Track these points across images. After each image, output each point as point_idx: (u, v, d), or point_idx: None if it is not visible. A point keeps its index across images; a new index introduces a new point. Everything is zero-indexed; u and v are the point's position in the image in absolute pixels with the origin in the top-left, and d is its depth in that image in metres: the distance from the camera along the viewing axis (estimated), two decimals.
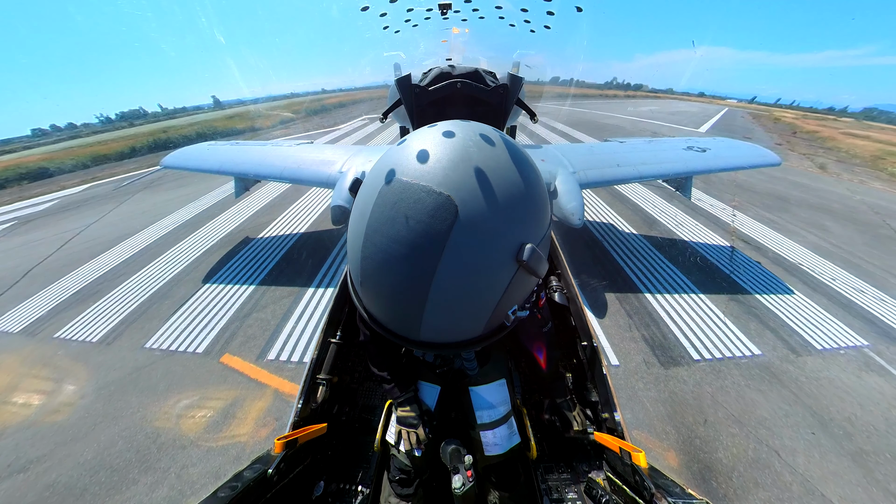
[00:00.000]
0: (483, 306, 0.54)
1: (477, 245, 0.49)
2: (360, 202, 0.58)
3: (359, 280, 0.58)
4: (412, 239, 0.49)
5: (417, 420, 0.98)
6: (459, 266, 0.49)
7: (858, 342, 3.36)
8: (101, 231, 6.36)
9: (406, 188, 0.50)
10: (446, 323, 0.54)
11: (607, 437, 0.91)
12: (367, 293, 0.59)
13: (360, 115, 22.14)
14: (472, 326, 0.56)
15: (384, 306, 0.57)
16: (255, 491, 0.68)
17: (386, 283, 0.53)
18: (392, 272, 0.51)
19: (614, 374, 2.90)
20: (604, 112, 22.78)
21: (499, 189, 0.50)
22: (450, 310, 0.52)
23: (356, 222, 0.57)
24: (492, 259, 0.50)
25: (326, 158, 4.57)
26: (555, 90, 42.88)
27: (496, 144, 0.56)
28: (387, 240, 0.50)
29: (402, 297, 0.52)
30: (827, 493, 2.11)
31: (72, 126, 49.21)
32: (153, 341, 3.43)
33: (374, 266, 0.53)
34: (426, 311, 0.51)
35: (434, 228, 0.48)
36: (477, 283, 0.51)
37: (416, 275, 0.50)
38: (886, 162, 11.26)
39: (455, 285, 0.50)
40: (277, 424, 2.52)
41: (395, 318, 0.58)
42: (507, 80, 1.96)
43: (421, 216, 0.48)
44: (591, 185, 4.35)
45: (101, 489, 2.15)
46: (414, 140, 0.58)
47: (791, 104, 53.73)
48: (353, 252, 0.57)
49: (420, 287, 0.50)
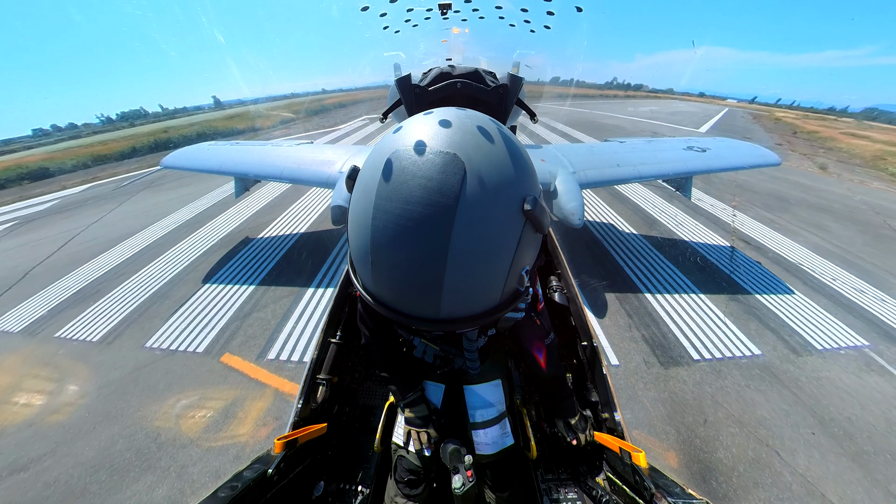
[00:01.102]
0: (500, 265, 0.53)
1: (486, 197, 0.50)
2: (363, 181, 0.56)
3: (368, 260, 0.53)
4: (427, 197, 0.48)
5: (426, 420, 0.98)
6: (473, 222, 0.49)
7: (859, 342, 3.35)
8: (101, 231, 6.36)
9: (414, 154, 0.52)
10: (467, 289, 0.52)
11: (607, 437, 0.91)
12: (379, 271, 0.54)
13: (361, 116, 22.16)
14: (491, 292, 0.54)
15: (400, 281, 0.53)
16: (255, 491, 0.68)
17: (402, 252, 0.50)
18: (408, 236, 0.49)
19: (614, 374, 2.89)
20: (603, 112, 22.78)
21: (497, 148, 0.54)
22: (469, 273, 0.50)
23: (361, 200, 0.55)
24: (502, 212, 0.51)
25: (326, 158, 4.58)
26: (555, 90, 42.93)
27: (473, 113, 0.61)
28: (400, 203, 0.49)
29: (421, 265, 0.50)
30: (827, 493, 2.11)
31: (73, 126, 49.31)
32: (153, 341, 3.44)
33: (388, 235, 0.50)
34: (446, 276, 0.49)
35: (447, 183, 0.48)
36: (491, 239, 0.51)
37: (434, 234, 0.48)
38: (887, 162, 11.25)
39: (472, 243, 0.49)
40: (277, 424, 2.52)
41: (412, 295, 0.53)
42: (507, 80, 1.96)
43: (432, 174, 0.49)
44: (591, 185, 4.35)
45: (101, 488, 2.16)
46: (411, 124, 0.59)
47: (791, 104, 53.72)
48: (360, 231, 0.54)
49: (439, 247, 0.48)
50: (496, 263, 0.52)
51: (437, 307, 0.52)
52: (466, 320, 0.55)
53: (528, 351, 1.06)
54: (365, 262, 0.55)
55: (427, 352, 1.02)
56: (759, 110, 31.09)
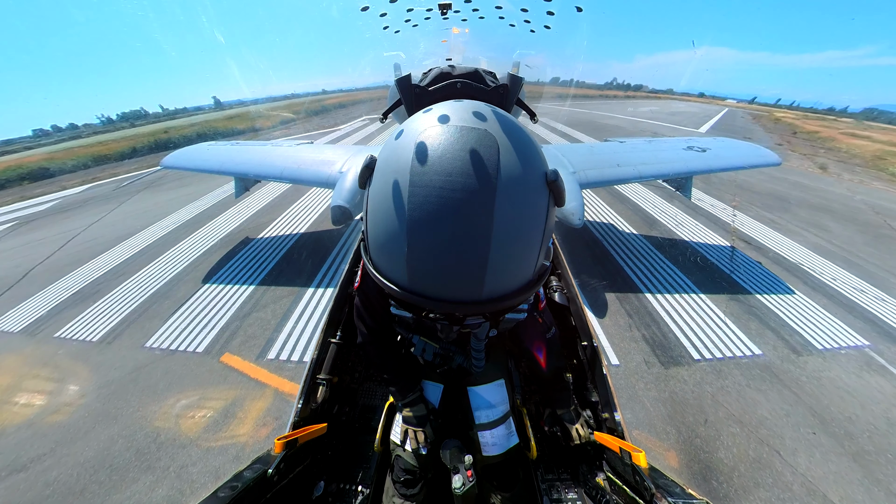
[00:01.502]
0: (535, 237, 0.53)
1: (520, 170, 0.50)
2: (388, 165, 0.54)
3: (403, 243, 0.50)
4: (469, 168, 0.47)
5: (423, 419, 0.97)
6: (512, 192, 0.48)
7: (859, 342, 3.35)
8: (101, 231, 6.36)
9: (446, 129, 0.51)
10: (508, 265, 0.51)
11: (607, 437, 0.91)
12: (418, 253, 0.50)
13: (361, 116, 22.18)
14: (527, 266, 0.54)
15: (442, 260, 0.49)
16: (255, 491, 0.68)
17: (446, 227, 0.47)
18: (453, 209, 0.47)
19: (615, 374, 2.89)
20: (603, 112, 22.79)
21: (513, 128, 0.56)
22: (511, 246, 0.50)
23: (390, 181, 0.52)
24: (533, 183, 0.51)
25: (326, 158, 4.58)
26: (555, 90, 42.98)
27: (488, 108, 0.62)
28: (441, 175, 0.48)
29: (467, 239, 0.47)
30: (828, 493, 2.10)
31: (73, 126, 49.33)
32: (153, 341, 3.43)
33: (429, 211, 0.48)
34: (491, 248, 0.48)
35: (485, 155, 0.49)
36: (527, 210, 0.51)
37: (480, 206, 0.47)
38: (887, 162, 11.25)
39: (513, 215, 0.49)
40: (277, 424, 2.52)
41: (454, 274, 0.50)
42: (507, 80, 1.96)
43: (470, 146, 0.49)
44: (591, 185, 4.35)
45: (100, 488, 2.15)
46: (431, 109, 0.59)
47: (791, 105, 53.74)
48: (389, 214, 0.51)
49: (485, 219, 0.47)
50: (532, 235, 0.52)
51: (480, 286, 0.50)
52: (505, 298, 0.53)
53: (529, 350, 1.06)
54: (396, 248, 0.52)
55: (426, 350, 1.01)
56: (758, 111, 31.11)
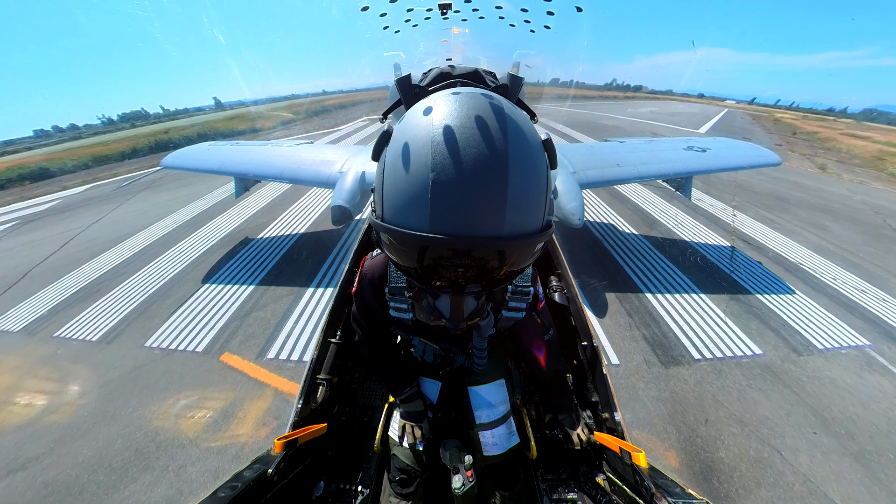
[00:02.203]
0: (541, 181, 0.58)
1: (523, 124, 0.58)
2: (407, 124, 0.60)
3: (427, 182, 0.53)
4: (484, 112, 0.55)
5: (421, 415, 0.97)
6: (519, 133, 0.56)
7: (860, 342, 3.34)
8: (102, 231, 6.37)
9: (458, 95, 0.59)
10: (524, 200, 0.55)
11: (607, 437, 0.91)
12: (441, 191, 0.53)
13: (361, 117, 22.22)
14: (538, 210, 0.58)
15: (467, 193, 0.53)
16: (255, 491, 0.67)
17: (470, 159, 0.52)
18: (475, 141, 0.53)
19: (615, 374, 2.88)
20: (603, 113, 22.84)
21: (510, 102, 0.64)
22: (525, 181, 0.55)
23: (410, 132, 0.57)
24: (533, 138, 0.59)
25: (326, 158, 4.59)
26: (554, 91, 43.05)
27: None
28: (461, 119, 0.54)
29: (488, 170, 0.52)
30: (830, 492, 2.09)
31: (74, 127, 49.45)
32: (153, 340, 3.43)
33: (453, 145, 0.53)
34: (509, 182, 0.53)
35: (495, 108, 0.57)
36: (532, 153, 0.57)
37: (496, 139, 0.53)
38: (887, 162, 11.26)
39: (522, 150, 0.55)
40: (277, 423, 2.51)
41: (478, 208, 0.53)
42: (506, 80, 1.96)
43: (481, 100, 0.57)
44: (591, 185, 4.35)
45: (99, 488, 2.14)
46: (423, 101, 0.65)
47: (790, 105, 53.78)
48: (413, 162, 0.55)
49: (502, 152, 0.53)
50: (539, 178, 0.57)
51: (501, 221, 0.54)
52: (524, 237, 0.57)
53: (528, 350, 1.06)
54: (419, 191, 0.54)
55: (427, 351, 1.01)
56: (758, 111, 31.17)
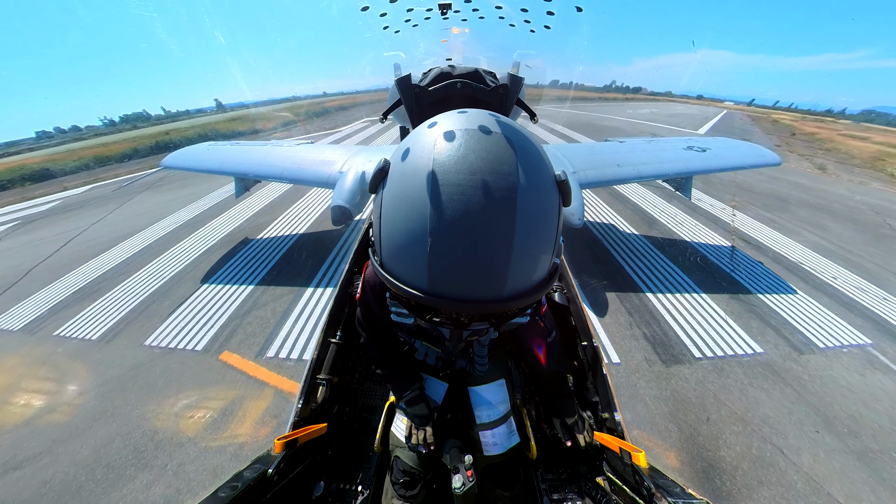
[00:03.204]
0: (550, 235, 0.54)
1: (535, 169, 0.53)
2: (407, 165, 0.54)
3: (426, 243, 0.49)
4: (492, 166, 0.49)
5: (426, 419, 0.97)
6: (531, 189, 0.50)
7: (861, 341, 3.33)
8: (102, 231, 6.38)
9: (465, 132, 0.54)
10: (528, 262, 0.52)
11: (607, 437, 0.91)
12: (441, 253, 0.49)
13: (361, 118, 22.30)
14: (544, 264, 0.55)
15: (468, 258, 0.50)
16: (255, 491, 0.67)
17: (472, 225, 0.48)
18: (479, 206, 0.48)
19: (615, 372, 2.87)
20: (602, 114, 22.91)
21: (521, 131, 0.59)
22: (531, 244, 0.51)
23: (408, 182, 0.52)
24: (547, 183, 0.54)
25: (326, 158, 4.59)
26: (554, 93, 43.23)
27: (494, 118, 0.64)
28: (464, 175, 0.49)
29: (492, 236, 0.48)
30: (833, 491, 2.08)
31: (76, 128, 49.63)
32: (152, 339, 3.42)
33: (455, 209, 0.48)
34: (514, 245, 0.49)
35: (505, 154, 0.51)
36: (544, 208, 0.53)
37: (504, 203, 0.48)
38: (886, 163, 11.28)
39: (532, 212, 0.50)
40: (276, 422, 2.50)
41: (479, 272, 0.50)
42: (507, 80, 1.97)
43: (490, 147, 0.51)
44: (591, 185, 4.36)
45: (97, 486, 2.13)
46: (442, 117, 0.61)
47: (789, 106, 53.97)
48: (409, 216, 0.51)
49: (509, 217, 0.48)
50: (548, 233, 0.54)
51: (503, 284, 0.50)
52: (525, 295, 0.54)
53: (529, 348, 1.05)
54: (417, 249, 0.51)
55: (429, 354, 1.01)
56: (757, 112, 31.26)
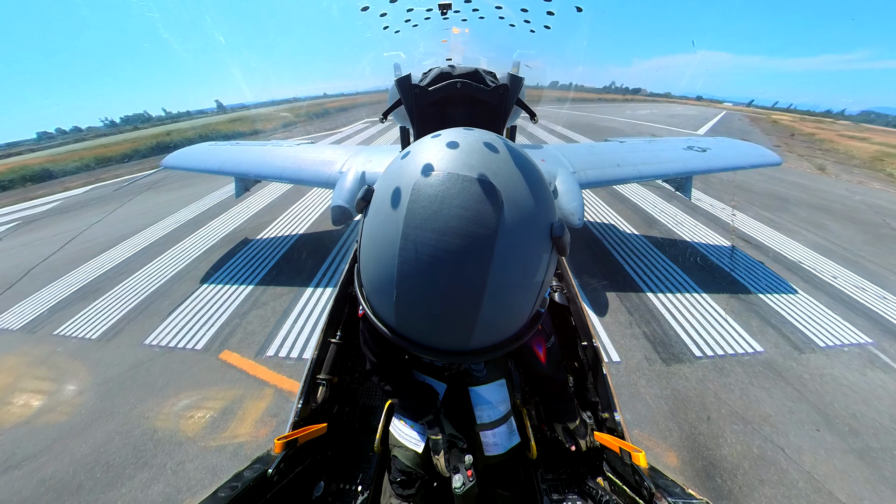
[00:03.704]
0: (531, 292, 0.52)
1: (522, 226, 0.49)
2: (382, 206, 0.53)
3: (391, 293, 0.50)
4: (464, 227, 0.46)
5: (438, 445, 0.93)
6: (511, 251, 0.48)
7: (862, 339, 3.33)
8: (103, 231, 6.39)
9: (446, 179, 0.48)
10: (500, 319, 0.51)
11: (607, 437, 0.90)
12: (405, 305, 0.50)
13: (362, 118, 22.37)
14: (519, 319, 0.54)
15: (431, 314, 0.49)
16: (255, 491, 0.67)
17: (437, 285, 0.47)
18: (445, 269, 0.46)
19: (616, 371, 2.87)
20: (602, 115, 22.98)
21: (523, 173, 0.53)
22: (504, 303, 0.49)
23: (383, 227, 0.51)
24: (535, 239, 0.50)
25: (326, 158, 4.61)
26: (554, 94, 43.36)
27: (508, 141, 0.60)
28: (434, 234, 0.46)
29: (458, 297, 0.47)
30: (834, 490, 2.07)
31: (77, 129, 49.78)
32: (152, 338, 3.42)
33: (419, 268, 0.47)
34: (482, 308, 0.47)
35: (485, 213, 0.47)
36: (526, 268, 0.50)
37: (473, 267, 0.46)
38: (885, 163, 11.30)
39: (509, 273, 0.48)
40: (276, 421, 2.50)
41: (442, 327, 0.50)
42: (507, 80, 1.97)
43: (470, 202, 0.47)
44: (591, 185, 4.36)
45: (96, 485, 2.13)
46: (425, 148, 0.57)
47: (788, 107, 54.09)
48: (380, 260, 0.51)
49: (478, 280, 0.46)
50: (529, 291, 0.52)
51: (467, 339, 0.51)
52: (493, 349, 0.53)
53: (529, 347, 1.04)
54: (386, 294, 0.51)
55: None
56: (756, 113, 31.33)
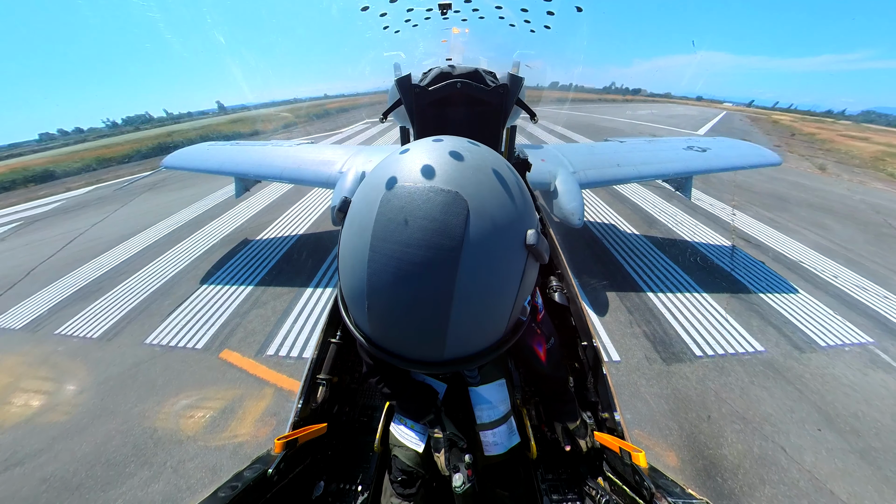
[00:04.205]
0: (505, 302, 0.52)
1: (491, 236, 0.49)
2: (356, 217, 0.54)
3: (363, 304, 0.51)
4: (428, 239, 0.46)
5: (439, 444, 0.94)
6: (479, 261, 0.48)
7: (863, 339, 3.32)
8: (104, 231, 6.41)
9: (412, 191, 0.49)
10: (472, 330, 0.51)
11: (607, 437, 0.90)
12: (376, 317, 0.51)
13: (363, 119, 22.43)
14: (496, 328, 0.54)
15: (401, 326, 0.51)
16: (255, 491, 0.67)
17: (403, 297, 0.48)
18: (410, 281, 0.47)
19: (616, 371, 2.87)
20: (602, 115, 23.00)
21: (497, 180, 0.53)
22: (475, 313, 0.50)
23: (354, 238, 0.52)
24: (506, 249, 0.50)
25: (326, 158, 4.62)
26: (554, 94, 43.40)
27: (478, 147, 0.60)
28: (399, 245, 0.47)
29: (425, 308, 0.48)
30: (836, 490, 2.06)
31: (79, 131, 50.02)
32: (153, 337, 3.43)
33: (386, 280, 0.48)
34: (451, 319, 0.48)
35: (450, 224, 0.47)
36: (496, 278, 0.50)
37: (438, 279, 0.47)
38: (886, 163, 11.28)
39: (478, 284, 0.48)
40: (276, 420, 2.50)
41: (414, 339, 0.51)
42: (507, 79, 1.97)
43: (434, 214, 0.47)
44: (591, 185, 4.37)
45: (96, 483, 2.13)
46: (396, 159, 0.58)
47: (789, 107, 54.05)
48: (353, 272, 0.51)
49: (444, 292, 0.47)
50: (502, 300, 0.52)
51: (440, 350, 0.51)
52: (471, 359, 0.54)
53: (529, 347, 1.04)
54: (359, 305, 0.52)
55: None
56: (756, 113, 31.31)
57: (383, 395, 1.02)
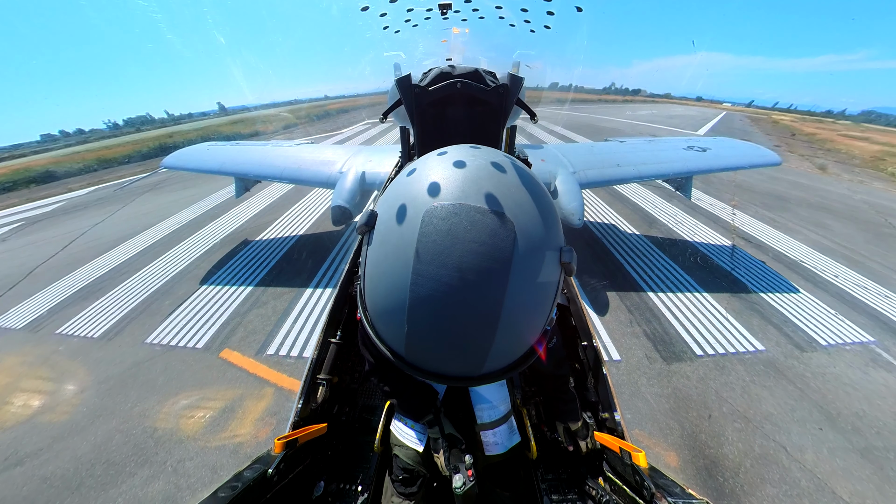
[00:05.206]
0: (541, 317, 0.53)
1: (535, 257, 0.50)
2: (389, 235, 0.52)
3: (402, 325, 0.50)
4: (479, 263, 0.46)
5: (438, 445, 0.94)
6: (524, 282, 0.48)
7: (864, 338, 3.31)
8: (105, 231, 6.42)
9: (457, 210, 0.48)
10: (512, 346, 0.52)
11: (607, 437, 0.90)
12: (417, 338, 0.50)
13: (363, 119, 22.48)
14: (529, 342, 0.55)
15: (443, 347, 0.50)
16: (255, 491, 0.67)
17: (450, 320, 0.47)
18: (459, 305, 0.47)
19: (616, 370, 2.86)
20: (602, 116, 23.04)
21: (533, 198, 0.53)
22: (517, 332, 0.51)
23: (391, 258, 0.50)
24: (546, 268, 0.51)
25: (327, 158, 4.63)
26: (554, 95, 43.46)
27: (509, 165, 0.58)
28: (448, 270, 0.46)
29: (471, 330, 0.48)
30: (837, 489, 2.06)
31: (80, 132, 50.18)
32: (154, 337, 3.43)
33: (434, 303, 0.47)
34: (496, 339, 0.48)
35: (499, 248, 0.47)
36: (538, 295, 0.51)
37: (486, 302, 0.47)
38: (886, 163, 11.27)
39: (522, 303, 0.49)
40: (276, 420, 2.50)
41: (455, 358, 0.51)
42: (507, 79, 1.97)
43: (483, 237, 0.47)
44: (591, 185, 4.38)
45: (96, 482, 2.13)
46: (431, 168, 0.56)
47: (789, 108, 54.05)
48: (389, 293, 0.50)
49: (491, 314, 0.47)
50: (539, 316, 0.53)
51: (479, 367, 0.51)
52: (502, 372, 0.54)
53: None
54: (396, 325, 0.52)
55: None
56: (756, 114, 31.33)
57: (384, 393, 1.02)
